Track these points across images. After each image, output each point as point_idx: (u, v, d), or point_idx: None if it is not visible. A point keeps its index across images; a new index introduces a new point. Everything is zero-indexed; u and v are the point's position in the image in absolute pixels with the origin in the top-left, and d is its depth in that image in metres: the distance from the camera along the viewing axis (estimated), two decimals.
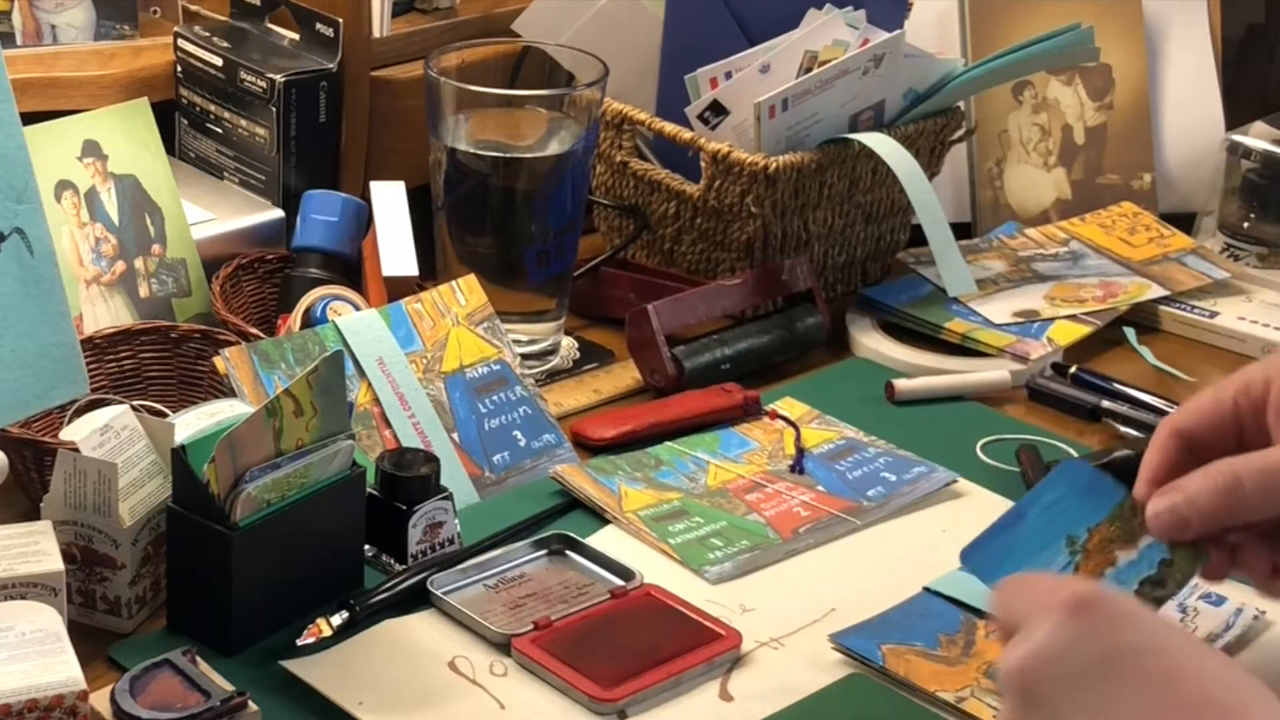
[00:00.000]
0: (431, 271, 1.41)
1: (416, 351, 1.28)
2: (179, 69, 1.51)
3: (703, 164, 1.47)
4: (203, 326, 1.30)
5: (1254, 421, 1.01)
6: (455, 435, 1.26)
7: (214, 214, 1.44)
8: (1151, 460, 1.03)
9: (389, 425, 1.25)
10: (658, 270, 1.53)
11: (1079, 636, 0.82)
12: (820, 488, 1.27)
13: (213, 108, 1.49)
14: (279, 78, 1.44)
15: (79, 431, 1.11)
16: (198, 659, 1.02)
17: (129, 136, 1.37)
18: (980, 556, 1.02)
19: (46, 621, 0.98)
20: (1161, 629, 0.82)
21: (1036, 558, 1.01)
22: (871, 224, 1.56)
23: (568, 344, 1.45)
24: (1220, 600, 1.15)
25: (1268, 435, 1.00)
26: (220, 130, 1.49)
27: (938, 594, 1.15)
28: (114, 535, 1.08)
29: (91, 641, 1.07)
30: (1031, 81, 1.72)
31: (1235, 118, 1.75)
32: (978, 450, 1.33)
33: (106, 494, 1.06)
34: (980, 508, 1.25)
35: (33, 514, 1.12)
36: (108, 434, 1.08)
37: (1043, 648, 0.82)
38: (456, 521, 1.18)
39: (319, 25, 1.47)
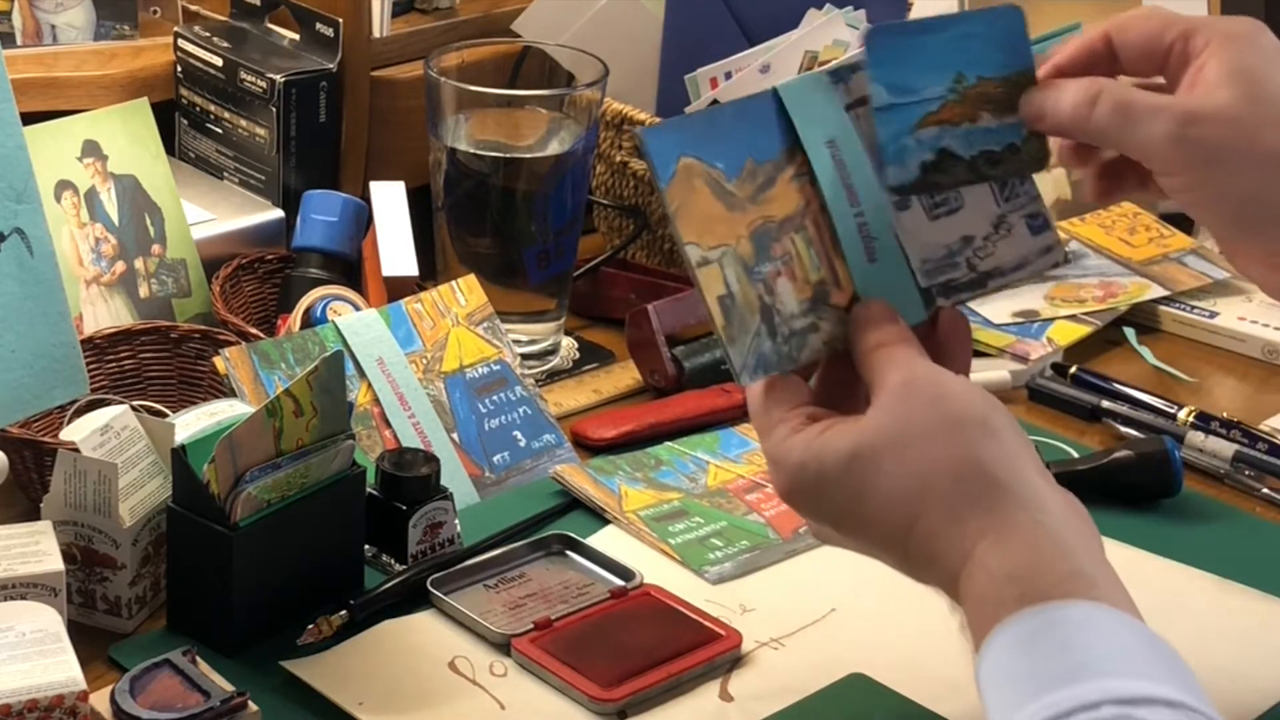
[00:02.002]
0: (431, 271, 1.41)
1: (416, 351, 1.28)
2: (179, 69, 1.51)
3: None
4: (203, 326, 1.30)
5: (1176, 70, 0.99)
6: (455, 435, 1.26)
7: (214, 214, 1.44)
8: (1069, 49, 1.02)
9: (389, 425, 1.25)
10: (658, 270, 1.53)
11: (811, 523, 0.96)
12: None
13: (213, 108, 1.49)
14: (279, 78, 1.44)
15: (79, 431, 1.11)
16: (198, 659, 1.02)
17: (129, 136, 1.37)
18: (884, 42, 0.98)
19: (46, 621, 0.98)
20: (844, 485, 0.92)
21: (925, 76, 0.98)
22: None
23: (568, 344, 1.45)
24: None
25: (1177, 82, 0.99)
26: (220, 130, 1.49)
27: (780, 105, 0.99)
28: (114, 535, 1.08)
29: (91, 641, 1.07)
30: None
31: None
32: None
33: (106, 494, 1.06)
34: None
35: (33, 514, 1.12)
36: (108, 434, 1.08)
37: (809, 532, 0.99)
38: (456, 521, 1.18)
39: (319, 25, 1.47)
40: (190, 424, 1.11)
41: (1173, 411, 1.37)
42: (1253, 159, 0.96)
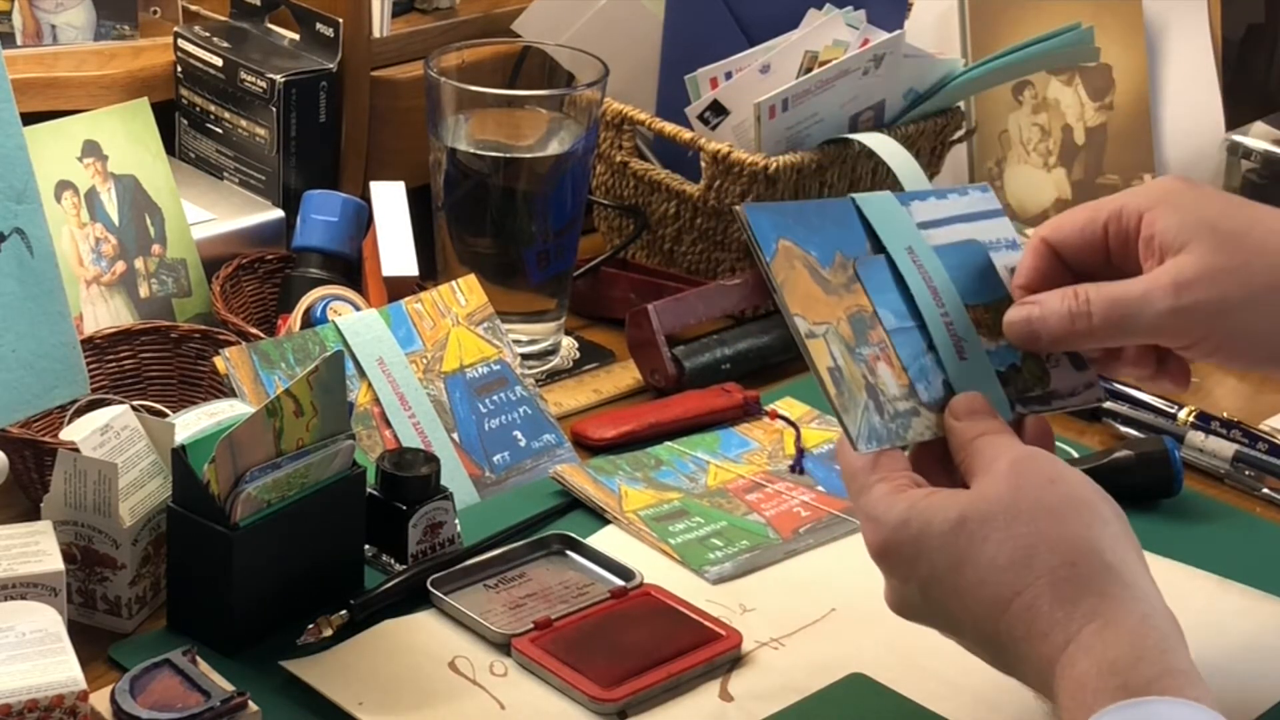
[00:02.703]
0: (431, 271, 1.41)
1: (416, 351, 1.28)
2: (179, 69, 1.51)
3: (703, 164, 1.47)
4: (203, 326, 1.30)
5: (1120, 250, 1.03)
6: (455, 435, 1.26)
7: (214, 214, 1.44)
8: (1025, 263, 1.06)
9: (389, 425, 1.25)
10: (658, 270, 1.53)
11: (897, 585, 0.95)
12: (820, 488, 1.27)
13: (213, 108, 1.49)
14: (279, 78, 1.44)
15: (79, 431, 1.11)
16: (198, 659, 1.02)
17: (129, 136, 1.37)
18: (877, 271, 1.05)
19: (46, 621, 0.98)
20: (947, 548, 0.91)
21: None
22: None
23: (568, 344, 1.45)
24: None
25: (1136, 264, 1.02)
26: (220, 130, 1.49)
27: (859, 212, 1.06)
28: (114, 535, 1.08)
29: (91, 641, 1.07)
30: (1031, 81, 1.72)
31: (1235, 118, 1.74)
32: None
33: (106, 494, 1.06)
34: None
35: (33, 514, 1.12)
36: (108, 434, 1.08)
37: (887, 596, 0.96)
38: (456, 521, 1.18)
39: (319, 25, 1.47)
40: (190, 424, 1.11)
41: (1173, 411, 1.37)
42: (1254, 296, 0.98)
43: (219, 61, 1.47)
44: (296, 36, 1.50)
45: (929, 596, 0.93)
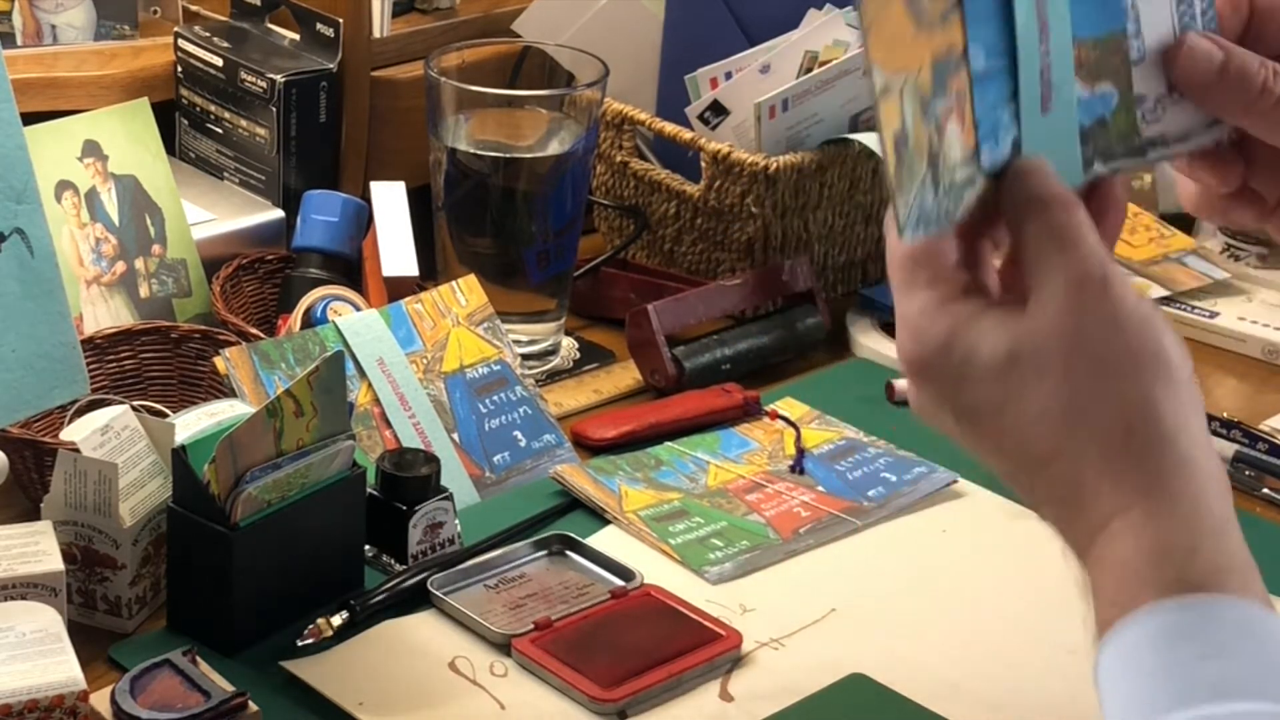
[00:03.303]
0: (431, 271, 1.41)
1: (417, 351, 1.28)
2: (179, 69, 1.51)
3: (703, 164, 1.47)
4: (203, 327, 1.30)
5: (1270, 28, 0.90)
6: (455, 435, 1.26)
7: (214, 214, 1.44)
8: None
9: (389, 425, 1.25)
10: (658, 270, 1.53)
11: (927, 403, 0.83)
12: (820, 488, 1.27)
13: (213, 108, 1.49)
14: (279, 78, 1.44)
15: (79, 432, 1.11)
16: (198, 659, 1.02)
17: (129, 136, 1.37)
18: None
19: (47, 622, 0.98)
20: (992, 385, 0.80)
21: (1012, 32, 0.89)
22: (871, 224, 1.56)
23: (568, 344, 1.45)
24: None
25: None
26: (220, 130, 1.49)
27: None
28: (114, 535, 1.07)
29: (92, 641, 1.07)
30: None
31: None
32: None
33: (107, 494, 1.06)
34: (980, 508, 1.26)
35: (33, 514, 1.12)
36: (108, 434, 1.08)
37: (911, 399, 0.83)
38: (457, 522, 1.18)
39: (319, 25, 1.47)
40: (190, 424, 1.11)
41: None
42: None
43: (219, 61, 1.47)
44: (296, 36, 1.50)
45: (963, 427, 0.82)
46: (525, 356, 1.38)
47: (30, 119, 1.16)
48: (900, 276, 0.85)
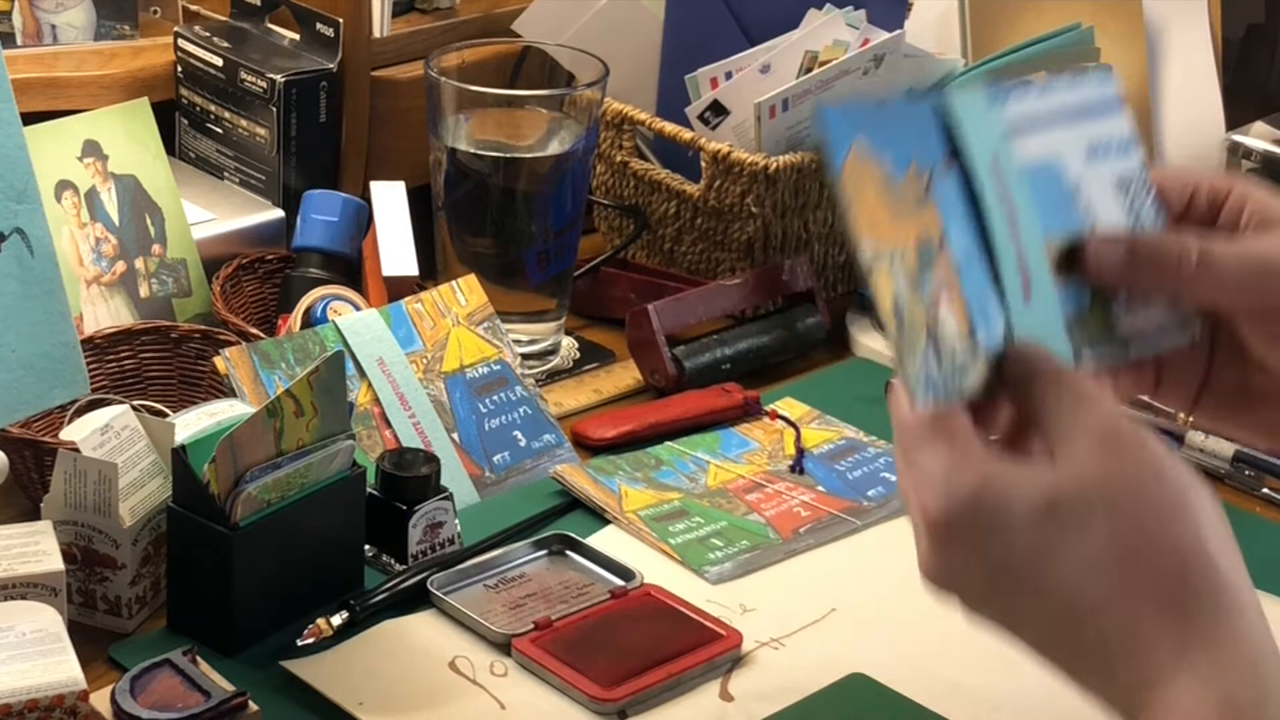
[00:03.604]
0: (431, 271, 1.41)
1: (417, 351, 1.28)
2: (179, 69, 1.51)
3: (703, 164, 1.47)
4: (203, 326, 1.30)
5: (1206, 208, 0.94)
6: (455, 435, 1.26)
7: (214, 214, 1.44)
8: None
9: (389, 425, 1.25)
10: (658, 270, 1.53)
11: (953, 566, 0.79)
12: (820, 488, 1.27)
13: (213, 108, 1.49)
14: (279, 78, 1.44)
15: (79, 431, 1.11)
16: (198, 659, 1.02)
17: (129, 136, 1.37)
18: (950, 190, 0.93)
19: (47, 621, 0.98)
20: (1030, 536, 0.78)
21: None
22: None
23: (568, 344, 1.45)
24: None
25: (1217, 223, 0.93)
26: (220, 130, 1.49)
27: (940, 111, 0.94)
28: (114, 535, 1.07)
29: (92, 641, 1.07)
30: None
31: (1235, 118, 1.74)
32: None
33: (107, 494, 1.06)
34: None
35: (33, 514, 1.12)
36: (108, 434, 1.08)
37: (927, 567, 0.80)
38: (457, 521, 1.18)
39: (319, 25, 1.47)
40: (190, 424, 1.11)
41: (1173, 411, 1.37)
42: None
43: (219, 61, 1.47)
44: (296, 36, 1.50)
45: (996, 586, 0.78)
46: (525, 356, 1.38)
47: (30, 119, 1.16)
48: (913, 436, 0.83)
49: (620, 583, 1.15)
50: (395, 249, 1.36)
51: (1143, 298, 0.94)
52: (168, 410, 1.23)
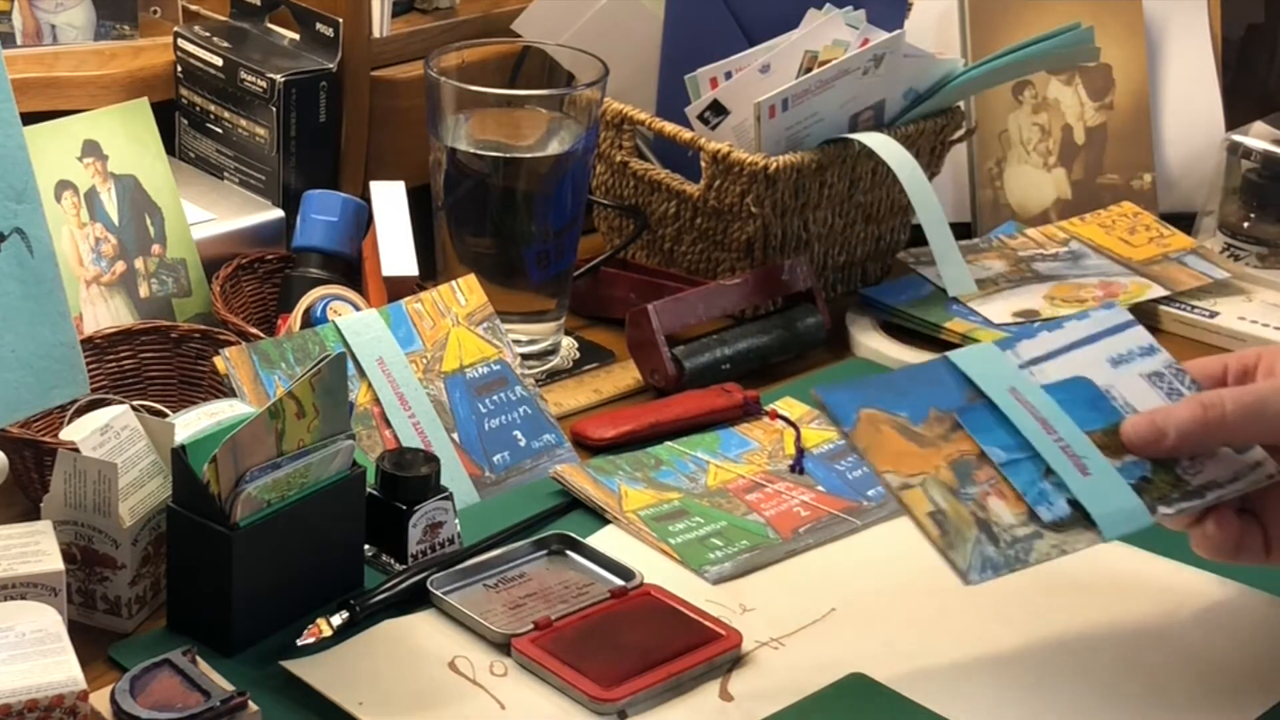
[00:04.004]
0: (431, 271, 1.41)
1: (416, 351, 1.28)
2: (179, 69, 1.51)
3: (703, 164, 1.47)
4: (203, 326, 1.30)
5: (1238, 382, 1.09)
6: (455, 435, 1.26)
7: (214, 214, 1.44)
8: None
9: (389, 425, 1.25)
10: (658, 270, 1.53)
11: None
12: (820, 488, 1.27)
13: (213, 108, 1.49)
14: (279, 78, 1.44)
15: (79, 431, 1.11)
16: (198, 659, 1.02)
17: (129, 136, 1.37)
18: (979, 417, 1.07)
19: (46, 621, 0.98)
20: None
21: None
22: (871, 224, 1.56)
23: (568, 344, 1.45)
24: None
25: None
26: (220, 130, 1.49)
27: (955, 368, 1.09)
28: (114, 535, 1.08)
29: (91, 641, 1.07)
30: (1031, 81, 1.72)
31: (1235, 118, 1.75)
32: None
33: (106, 494, 1.06)
34: None
35: (33, 514, 1.12)
36: (108, 434, 1.08)
37: None
38: (456, 521, 1.18)
39: (319, 25, 1.47)
40: (190, 424, 1.11)
41: None
42: None
43: (219, 61, 1.47)
44: (296, 36, 1.50)
45: None
46: (525, 356, 1.38)
47: (30, 119, 1.16)
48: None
49: (620, 583, 1.15)
50: (395, 249, 1.36)
51: (1202, 451, 1.07)
52: (168, 410, 1.23)
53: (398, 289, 1.34)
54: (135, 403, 1.20)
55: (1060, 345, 1.11)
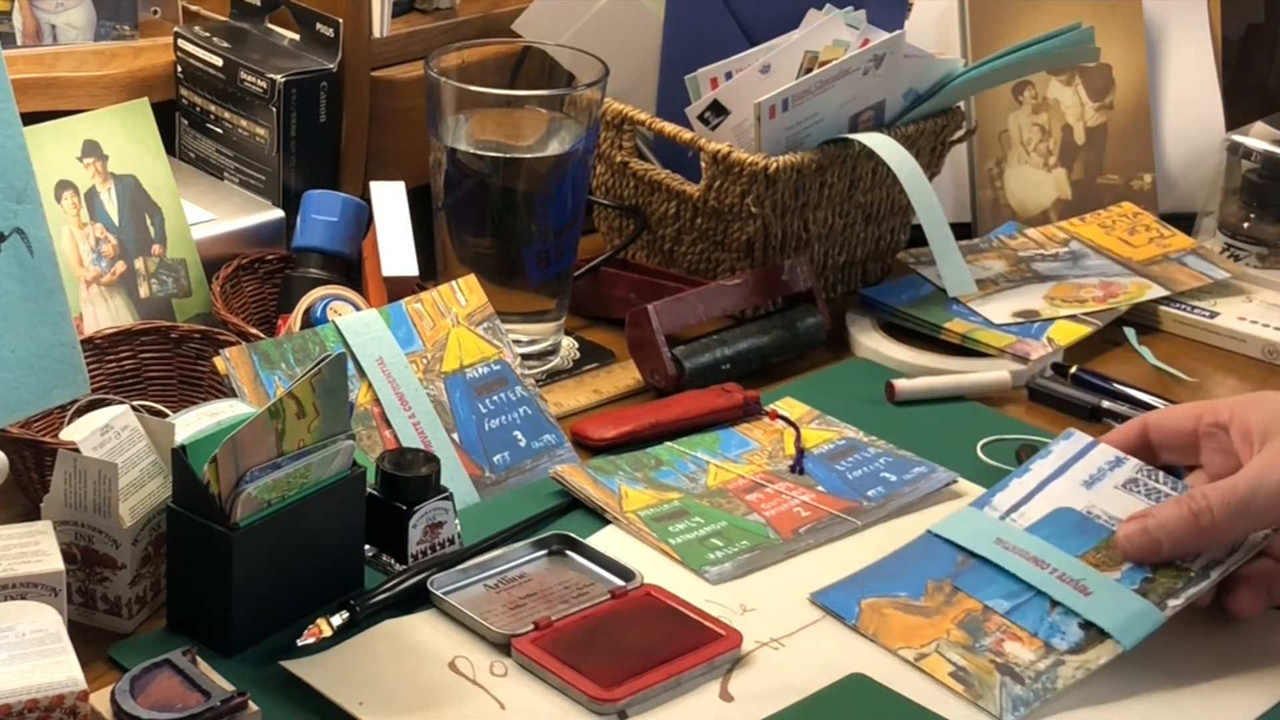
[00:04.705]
0: (431, 271, 1.41)
1: (417, 351, 1.28)
2: (179, 69, 1.51)
3: (703, 164, 1.47)
4: (203, 326, 1.30)
5: (1208, 439, 1.14)
6: (455, 435, 1.26)
7: (214, 214, 1.44)
8: (1119, 432, 1.18)
9: (389, 425, 1.25)
10: (658, 270, 1.53)
11: None
12: (820, 488, 1.27)
13: (213, 108, 1.49)
14: (279, 78, 1.44)
15: (79, 431, 1.11)
16: (198, 659, 1.02)
17: (129, 136, 1.37)
18: (974, 576, 1.14)
19: (46, 621, 0.98)
20: None
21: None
22: (871, 224, 1.56)
23: (568, 344, 1.45)
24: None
25: (1220, 458, 1.13)
26: (220, 130, 1.49)
27: (939, 537, 1.17)
28: (114, 535, 1.08)
29: (92, 641, 1.07)
30: (1031, 81, 1.72)
31: (1235, 118, 1.75)
32: (978, 450, 1.33)
33: (107, 494, 1.06)
34: None
35: (33, 514, 1.12)
36: (108, 434, 1.08)
37: None
38: (457, 521, 1.18)
39: (319, 25, 1.47)
40: (190, 424, 1.11)
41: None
42: None
43: (219, 61, 1.47)
44: (296, 36, 1.50)
45: None
46: (525, 356, 1.38)
47: (30, 119, 1.16)
48: None
49: (620, 583, 1.15)
50: (395, 249, 1.36)
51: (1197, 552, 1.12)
52: (168, 410, 1.23)
53: (398, 289, 1.34)
54: (135, 403, 1.20)
55: (1032, 487, 1.17)
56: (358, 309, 1.32)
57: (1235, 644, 1.13)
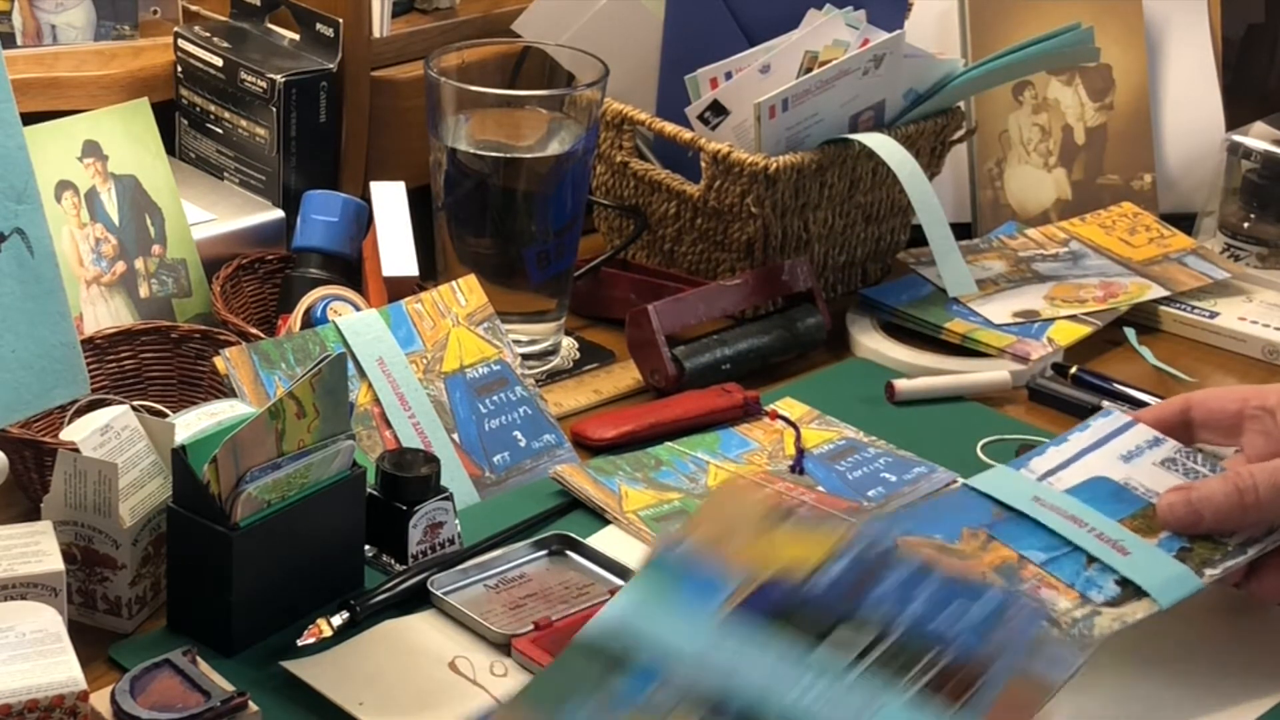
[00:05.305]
0: (431, 271, 1.41)
1: (417, 351, 1.28)
2: (179, 69, 1.51)
3: (703, 164, 1.47)
4: (203, 327, 1.30)
5: (1253, 423, 1.13)
6: (455, 435, 1.26)
7: (214, 214, 1.44)
8: (1160, 408, 1.17)
9: (389, 425, 1.25)
10: (658, 270, 1.53)
11: None
12: (820, 488, 1.27)
13: (213, 108, 1.49)
14: (279, 78, 1.44)
15: (79, 432, 1.11)
16: (198, 659, 1.02)
17: (129, 136, 1.37)
18: (1010, 528, 1.11)
19: (46, 622, 0.98)
20: None
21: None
22: (872, 224, 1.56)
23: (568, 344, 1.45)
24: None
25: (1268, 439, 1.12)
26: (220, 130, 1.49)
27: (973, 489, 1.15)
28: (114, 535, 1.07)
29: (92, 642, 1.07)
30: (1031, 81, 1.72)
31: (1235, 118, 1.75)
32: (978, 450, 1.33)
33: (107, 494, 1.06)
34: None
35: (33, 514, 1.12)
36: (108, 434, 1.08)
37: None
38: (457, 522, 1.18)
39: (319, 25, 1.47)
40: (190, 424, 1.11)
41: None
42: None
43: (219, 61, 1.47)
44: (296, 36, 1.50)
45: None
46: (525, 356, 1.38)
47: (30, 119, 1.16)
48: None
49: (620, 583, 1.14)
50: (395, 249, 1.36)
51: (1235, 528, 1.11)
52: (168, 410, 1.23)
53: (398, 289, 1.34)
54: (135, 403, 1.20)
55: (1070, 455, 1.16)
56: (358, 309, 1.32)
57: (1235, 643, 1.13)
